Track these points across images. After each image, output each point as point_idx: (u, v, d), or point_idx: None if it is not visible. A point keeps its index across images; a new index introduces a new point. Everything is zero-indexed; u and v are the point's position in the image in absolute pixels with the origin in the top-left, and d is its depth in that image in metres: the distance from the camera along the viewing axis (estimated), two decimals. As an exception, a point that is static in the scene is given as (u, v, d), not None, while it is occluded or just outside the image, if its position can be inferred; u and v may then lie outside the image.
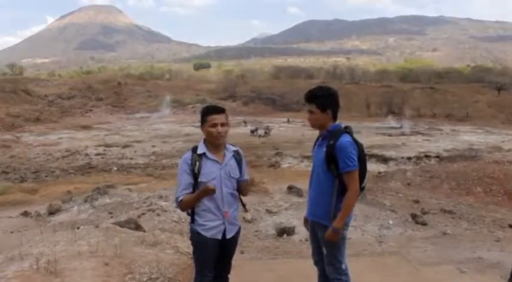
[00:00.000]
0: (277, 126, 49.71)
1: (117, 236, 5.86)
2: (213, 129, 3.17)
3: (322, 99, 3.20)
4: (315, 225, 3.37)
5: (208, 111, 3.23)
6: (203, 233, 3.23)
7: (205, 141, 3.26)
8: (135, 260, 4.74)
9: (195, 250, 3.35)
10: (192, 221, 3.29)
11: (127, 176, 24.78)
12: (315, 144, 3.42)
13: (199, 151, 3.20)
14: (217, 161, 3.22)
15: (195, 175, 3.15)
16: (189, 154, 3.21)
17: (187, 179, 3.16)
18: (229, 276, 3.60)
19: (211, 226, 3.23)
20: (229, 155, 3.29)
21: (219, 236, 3.27)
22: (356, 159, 3.10)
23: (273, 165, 28.72)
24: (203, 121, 3.22)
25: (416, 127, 49.21)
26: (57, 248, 4.88)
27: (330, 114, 3.20)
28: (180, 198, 3.15)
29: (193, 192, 3.18)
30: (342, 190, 3.15)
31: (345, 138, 3.11)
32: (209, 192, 3.09)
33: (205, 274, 3.32)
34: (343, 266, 3.34)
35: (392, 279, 4.85)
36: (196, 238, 3.27)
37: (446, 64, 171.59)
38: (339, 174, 3.13)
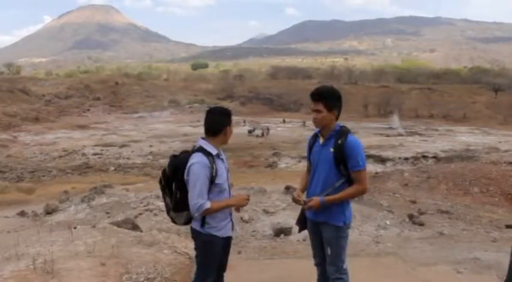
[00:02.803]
0: (275, 127, 49.77)
1: (114, 236, 5.85)
2: (232, 129, 3.25)
3: (330, 99, 3.19)
4: (320, 226, 3.34)
5: (230, 113, 3.27)
6: (216, 233, 3.18)
7: (208, 141, 3.17)
8: (132, 260, 4.73)
9: (205, 252, 3.23)
10: (203, 224, 3.16)
11: (124, 175, 24.78)
12: (312, 144, 3.40)
13: (214, 152, 3.11)
14: (222, 160, 3.22)
15: (212, 178, 3.06)
16: (204, 157, 3.05)
17: (207, 184, 3.05)
18: (225, 274, 3.57)
19: (223, 225, 3.21)
20: (221, 150, 3.28)
21: (230, 233, 3.29)
22: (365, 158, 3.15)
23: (271, 166, 28.78)
24: (230, 122, 3.21)
25: (413, 128, 49.33)
26: (53, 248, 4.87)
27: (335, 115, 3.20)
28: (208, 206, 3.02)
29: None
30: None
31: (354, 138, 3.13)
32: (244, 203, 3.22)
33: (210, 275, 3.28)
34: (345, 266, 3.33)
35: (389, 279, 4.85)
36: (209, 239, 3.17)
37: (444, 65, 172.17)
38: (347, 174, 3.12)
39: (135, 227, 7.44)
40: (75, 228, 6.96)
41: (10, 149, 35.95)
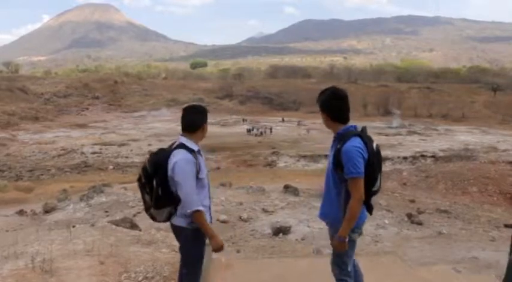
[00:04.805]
0: (274, 126, 49.75)
1: (113, 235, 5.85)
2: (207, 126, 3.29)
3: (321, 102, 3.18)
4: (327, 224, 3.35)
5: (207, 111, 3.29)
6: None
7: (187, 138, 3.17)
8: (130, 258, 4.73)
9: (194, 248, 3.21)
10: (191, 220, 3.14)
11: (123, 174, 24.75)
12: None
13: (195, 148, 3.13)
14: (202, 156, 3.21)
15: (196, 173, 3.07)
16: (188, 153, 3.07)
17: (195, 180, 3.07)
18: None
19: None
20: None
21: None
22: (361, 165, 2.99)
23: (270, 165, 28.73)
24: (206, 120, 3.24)
25: (412, 127, 49.43)
26: (52, 247, 4.86)
27: (329, 117, 3.17)
28: (202, 208, 3.06)
29: None
30: (349, 194, 3.07)
31: (352, 143, 3.03)
32: (220, 248, 3.12)
33: (199, 272, 3.27)
34: (349, 268, 3.29)
35: (388, 279, 4.85)
36: (196, 235, 3.14)
37: (442, 64, 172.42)
38: (345, 179, 3.06)
39: (133, 226, 7.44)
40: (73, 227, 6.97)
41: (9, 147, 35.89)
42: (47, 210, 12.14)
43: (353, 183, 3.01)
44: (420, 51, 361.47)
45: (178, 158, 3.03)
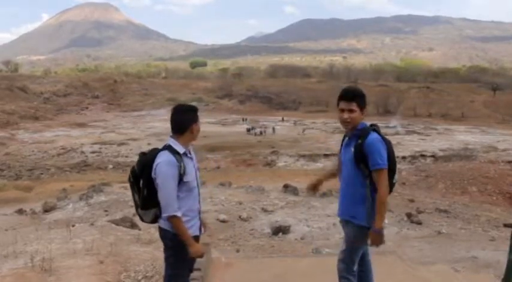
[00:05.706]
0: (274, 125, 49.79)
1: (113, 234, 5.86)
2: (199, 126, 3.19)
3: (362, 98, 3.20)
4: (343, 223, 3.35)
5: (196, 110, 3.20)
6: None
7: (176, 139, 3.11)
8: (130, 258, 4.73)
9: (177, 252, 3.16)
10: None
11: (123, 174, 24.72)
12: (342, 142, 3.38)
13: (181, 151, 3.07)
14: (191, 158, 3.17)
15: (180, 176, 3.02)
16: (171, 156, 3.01)
17: (176, 184, 3.01)
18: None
19: (192, 224, 3.15)
20: (191, 147, 3.23)
21: (198, 232, 3.21)
22: (386, 157, 3.07)
23: (269, 164, 28.72)
24: (196, 119, 3.13)
25: (411, 126, 49.43)
26: (52, 246, 4.86)
27: (361, 112, 3.19)
28: (178, 214, 3.00)
29: None
30: (374, 188, 3.11)
31: (374, 136, 3.10)
32: (198, 255, 3.14)
33: (183, 276, 3.26)
34: (355, 268, 3.33)
35: (388, 278, 4.85)
36: (179, 238, 3.08)
37: (442, 64, 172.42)
38: (369, 173, 3.10)
39: (133, 225, 7.44)
40: (73, 226, 6.96)
41: (8, 147, 35.89)
42: (47, 210, 12.13)
43: (380, 174, 3.06)
44: (420, 51, 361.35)
45: (161, 160, 3.00)
